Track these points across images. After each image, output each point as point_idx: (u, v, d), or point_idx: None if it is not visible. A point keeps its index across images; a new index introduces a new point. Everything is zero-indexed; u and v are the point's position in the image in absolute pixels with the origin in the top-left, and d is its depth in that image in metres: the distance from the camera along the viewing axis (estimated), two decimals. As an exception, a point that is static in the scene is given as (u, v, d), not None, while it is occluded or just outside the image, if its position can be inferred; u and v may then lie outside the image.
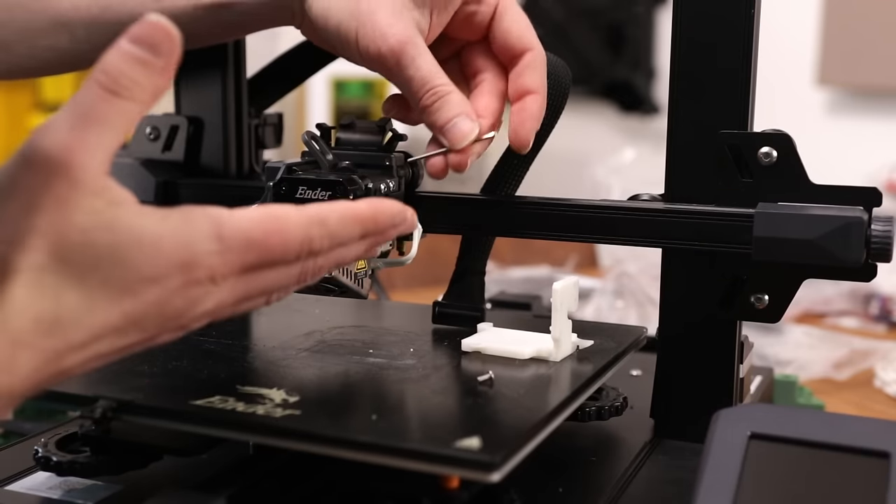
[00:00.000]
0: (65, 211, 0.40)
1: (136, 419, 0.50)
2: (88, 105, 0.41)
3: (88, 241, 0.40)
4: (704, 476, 0.46)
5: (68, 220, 0.40)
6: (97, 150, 0.41)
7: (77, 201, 0.40)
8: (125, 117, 0.41)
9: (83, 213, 0.40)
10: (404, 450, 0.45)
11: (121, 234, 0.41)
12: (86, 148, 0.40)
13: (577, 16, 2.74)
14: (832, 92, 2.32)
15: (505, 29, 0.58)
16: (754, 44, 0.59)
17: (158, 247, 0.41)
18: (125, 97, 0.41)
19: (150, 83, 0.42)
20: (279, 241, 0.44)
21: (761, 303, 0.58)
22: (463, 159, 0.58)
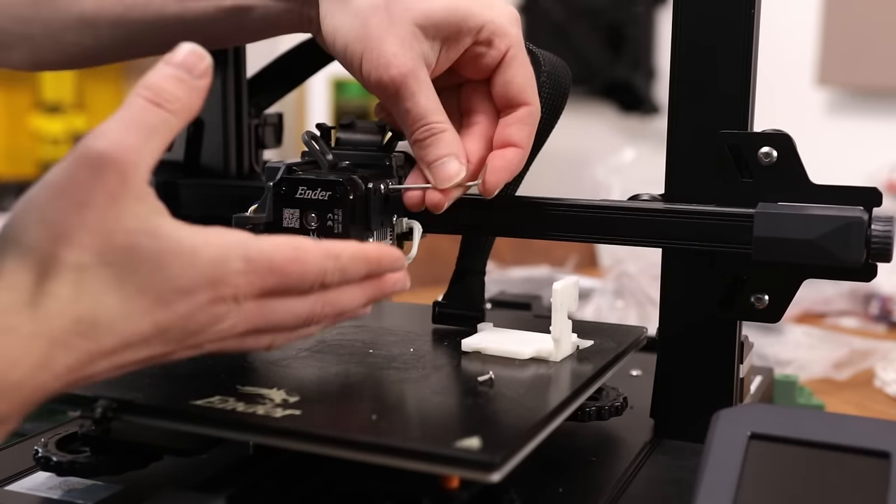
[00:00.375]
0: (115, 210, 0.42)
1: (136, 419, 0.50)
2: (135, 114, 0.44)
3: (132, 245, 0.42)
4: (704, 476, 0.46)
5: (117, 220, 0.42)
6: (145, 155, 0.44)
7: (126, 202, 0.43)
8: (167, 127, 0.45)
9: (131, 216, 0.43)
10: (404, 450, 0.45)
11: (162, 242, 0.43)
12: (136, 150, 0.44)
13: (577, 16, 2.74)
14: (832, 92, 2.32)
15: (508, 79, 0.58)
16: (754, 44, 0.59)
17: (194, 260, 0.43)
18: (167, 109, 0.45)
19: (188, 99, 0.46)
20: (298, 269, 0.46)
21: (761, 303, 0.58)
22: (441, 200, 0.58)
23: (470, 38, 0.56)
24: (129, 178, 0.43)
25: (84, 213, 0.42)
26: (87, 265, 0.42)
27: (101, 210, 0.42)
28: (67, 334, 0.41)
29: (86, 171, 0.42)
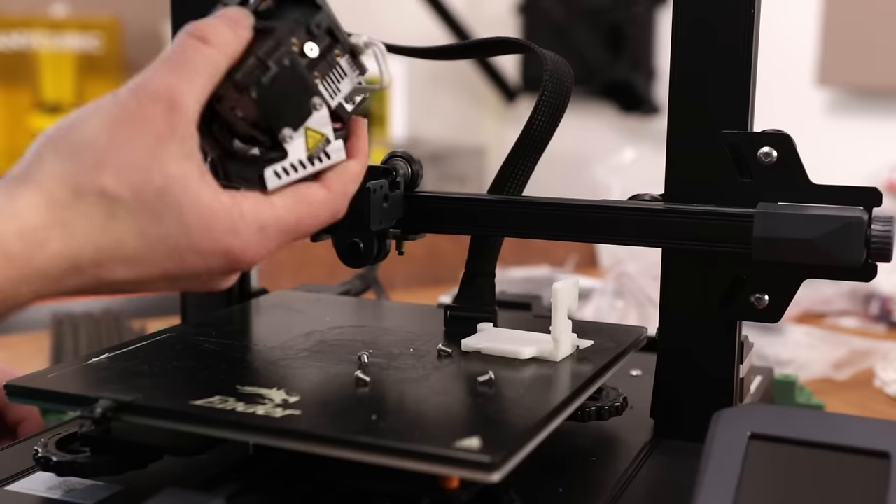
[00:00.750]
0: (160, 150, 0.45)
1: (136, 419, 0.50)
2: (180, 53, 0.47)
3: (165, 189, 0.45)
4: (704, 476, 0.46)
5: (159, 159, 0.45)
6: (193, 93, 0.47)
7: (171, 144, 0.46)
8: (212, 64, 0.48)
9: (172, 159, 0.46)
10: (404, 450, 0.45)
11: (188, 197, 0.46)
12: (185, 90, 0.47)
13: (577, 16, 2.73)
14: (832, 92, 2.32)
15: None
16: (754, 44, 0.59)
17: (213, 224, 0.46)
18: (212, 44, 0.48)
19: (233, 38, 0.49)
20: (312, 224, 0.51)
21: (761, 303, 0.58)
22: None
23: None
24: (176, 119, 0.46)
25: (132, 147, 0.45)
26: (122, 198, 0.45)
27: (148, 147, 0.45)
28: (87, 262, 0.45)
29: (138, 107, 0.45)
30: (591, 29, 2.72)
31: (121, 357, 0.58)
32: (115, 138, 0.45)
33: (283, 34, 0.51)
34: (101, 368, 0.56)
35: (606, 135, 2.71)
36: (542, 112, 0.62)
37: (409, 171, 0.63)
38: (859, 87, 2.26)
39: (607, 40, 2.71)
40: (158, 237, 0.45)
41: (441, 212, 0.63)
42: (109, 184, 0.44)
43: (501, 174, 0.64)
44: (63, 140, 0.45)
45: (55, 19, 2.78)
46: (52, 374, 0.55)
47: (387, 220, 0.61)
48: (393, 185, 0.61)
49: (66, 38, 2.76)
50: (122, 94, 0.46)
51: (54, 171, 0.44)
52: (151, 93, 0.46)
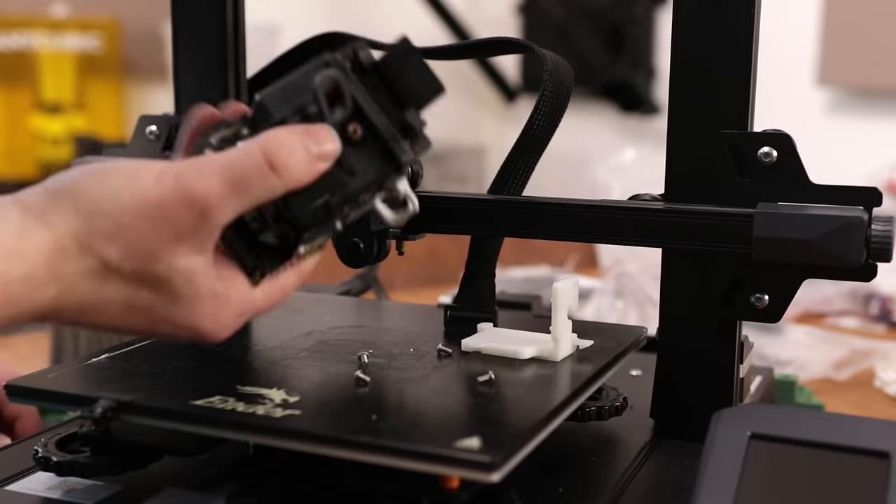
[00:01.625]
0: (175, 246, 0.45)
1: (136, 419, 0.50)
2: (245, 169, 0.46)
3: (167, 279, 0.46)
4: (704, 476, 0.46)
5: (170, 254, 0.45)
6: (232, 212, 0.46)
7: (188, 241, 0.46)
8: (269, 193, 0.47)
9: (182, 257, 0.46)
10: (404, 450, 0.45)
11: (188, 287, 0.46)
12: (228, 206, 0.46)
13: (577, 16, 2.73)
14: (832, 92, 2.32)
15: None
16: (754, 44, 0.59)
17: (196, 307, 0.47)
18: (281, 175, 0.46)
19: (305, 174, 0.47)
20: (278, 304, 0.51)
21: (761, 303, 0.58)
22: None
23: None
24: (202, 225, 0.45)
25: (150, 237, 0.45)
26: (122, 271, 0.45)
27: (164, 241, 0.45)
28: (70, 309, 0.46)
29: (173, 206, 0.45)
30: (591, 29, 2.72)
31: (121, 357, 0.58)
32: (137, 224, 0.45)
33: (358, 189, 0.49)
34: (101, 368, 0.56)
35: (606, 135, 2.71)
36: (542, 112, 0.62)
37: (410, 171, 0.63)
38: (859, 87, 2.26)
39: (607, 40, 2.71)
40: (143, 307, 0.47)
41: (441, 212, 0.63)
42: (114, 257, 0.45)
43: (501, 174, 0.64)
44: (87, 198, 0.45)
45: (55, 19, 2.78)
46: (52, 374, 0.55)
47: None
48: (393, 185, 0.61)
49: (66, 38, 2.76)
50: (167, 182, 0.45)
51: (69, 223, 0.45)
52: (195, 196, 0.45)
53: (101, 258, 0.45)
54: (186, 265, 0.46)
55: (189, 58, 0.73)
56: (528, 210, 0.61)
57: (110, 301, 0.46)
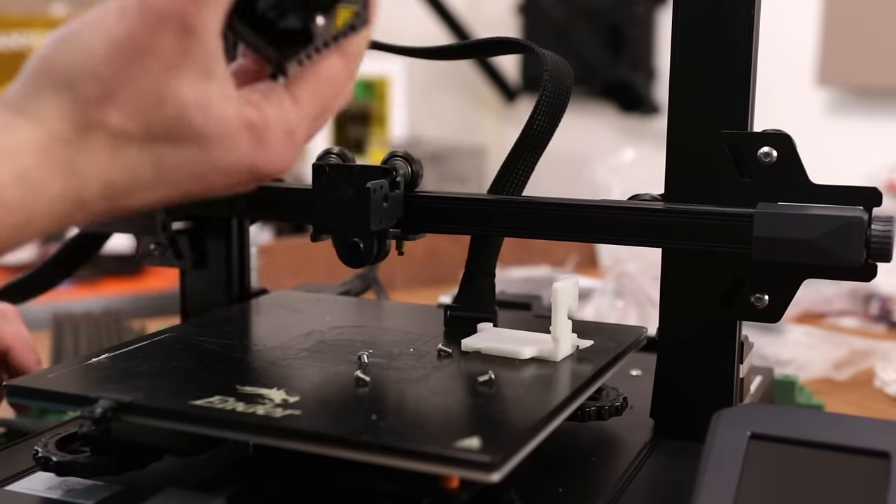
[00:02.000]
0: (171, 77, 0.40)
1: (136, 419, 0.50)
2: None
3: (181, 118, 0.40)
4: (704, 476, 0.46)
5: (172, 87, 0.40)
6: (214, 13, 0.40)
7: (185, 69, 0.40)
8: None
9: (186, 84, 0.40)
10: (404, 450, 0.45)
11: (210, 119, 0.41)
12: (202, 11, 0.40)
13: (577, 16, 2.74)
14: (832, 92, 2.32)
15: None
16: (754, 44, 0.59)
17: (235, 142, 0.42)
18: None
19: None
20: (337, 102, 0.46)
21: (761, 303, 0.58)
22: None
23: None
24: (190, 44, 0.40)
25: (139, 78, 0.40)
26: (131, 133, 0.40)
27: (157, 77, 0.40)
28: (94, 197, 0.41)
29: (145, 33, 0.39)
30: (591, 29, 2.72)
31: (121, 357, 0.58)
32: (120, 69, 0.39)
33: None
34: (101, 368, 0.56)
35: (606, 135, 2.71)
36: (542, 112, 0.62)
37: (409, 170, 0.63)
38: (859, 87, 2.26)
39: (607, 40, 2.71)
40: (177, 163, 0.41)
41: (441, 212, 0.63)
42: (115, 120, 0.40)
43: (501, 174, 0.64)
44: (61, 66, 0.40)
45: (55, 19, 2.77)
46: (52, 374, 0.55)
47: (387, 220, 0.61)
48: (393, 184, 0.61)
49: (66, 38, 2.76)
50: (130, 13, 0.40)
51: (53, 103, 0.40)
52: (162, 15, 0.39)
53: (102, 127, 0.40)
54: (196, 95, 0.40)
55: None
56: (528, 210, 0.61)
57: (136, 172, 0.41)
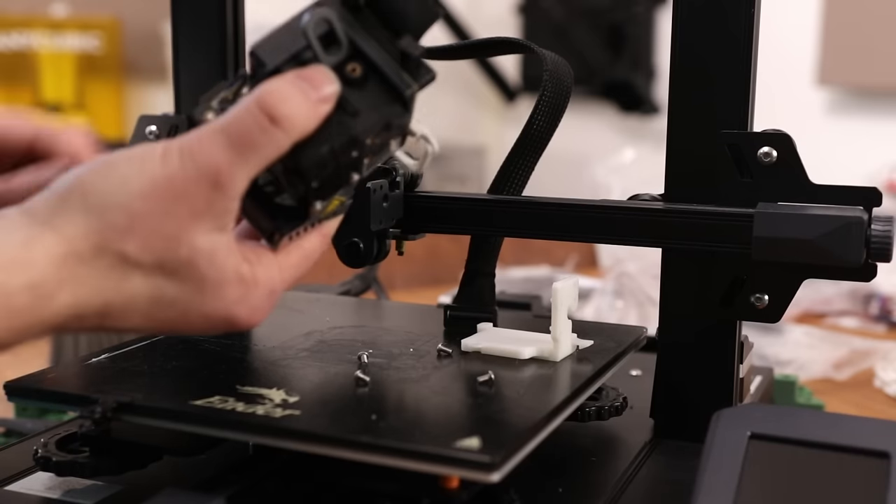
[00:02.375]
0: (193, 224, 0.43)
1: (136, 419, 0.50)
2: (244, 129, 0.43)
3: (190, 262, 0.44)
4: (704, 476, 0.46)
5: (190, 233, 0.43)
6: (244, 177, 0.44)
7: (205, 220, 0.43)
8: (276, 148, 0.44)
9: (203, 233, 0.44)
10: (404, 450, 0.45)
11: (213, 270, 0.44)
12: (238, 171, 0.43)
13: (577, 16, 2.74)
14: (832, 92, 2.32)
15: None
16: (754, 43, 0.59)
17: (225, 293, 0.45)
18: (283, 126, 0.44)
19: (308, 119, 0.44)
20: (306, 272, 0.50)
21: (761, 303, 0.58)
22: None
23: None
24: (217, 198, 0.43)
25: (165, 220, 0.43)
26: (143, 264, 0.43)
27: (181, 221, 0.43)
28: (92, 313, 0.43)
29: (182, 181, 0.43)
30: (591, 29, 2.72)
31: (121, 357, 0.58)
32: (151, 208, 0.43)
33: (363, 130, 0.46)
34: (101, 368, 0.56)
35: (606, 135, 2.71)
36: (542, 112, 0.62)
37: (409, 171, 0.63)
38: (859, 87, 2.26)
39: (607, 40, 2.71)
40: (171, 300, 0.44)
41: (441, 212, 0.63)
42: (133, 250, 0.43)
43: (501, 174, 0.64)
44: (95, 193, 0.43)
45: (55, 19, 2.78)
46: (52, 374, 0.55)
47: (386, 220, 0.61)
48: (393, 184, 0.61)
49: (66, 38, 2.76)
50: (172, 159, 0.43)
51: (79, 223, 0.43)
52: (201, 167, 0.43)
53: (118, 254, 0.43)
54: (208, 244, 0.44)
55: (189, 58, 0.73)
56: (528, 210, 0.61)
57: (135, 299, 0.44)
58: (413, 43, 0.48)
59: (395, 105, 0.47)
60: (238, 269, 0.45)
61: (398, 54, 0.47)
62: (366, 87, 0.47)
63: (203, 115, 0.46)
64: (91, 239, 0.43)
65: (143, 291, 0.44)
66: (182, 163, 0.43)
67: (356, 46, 0.46)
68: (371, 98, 0.47)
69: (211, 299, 0.45)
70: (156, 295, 0.44)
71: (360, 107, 0.46)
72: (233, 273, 0.45)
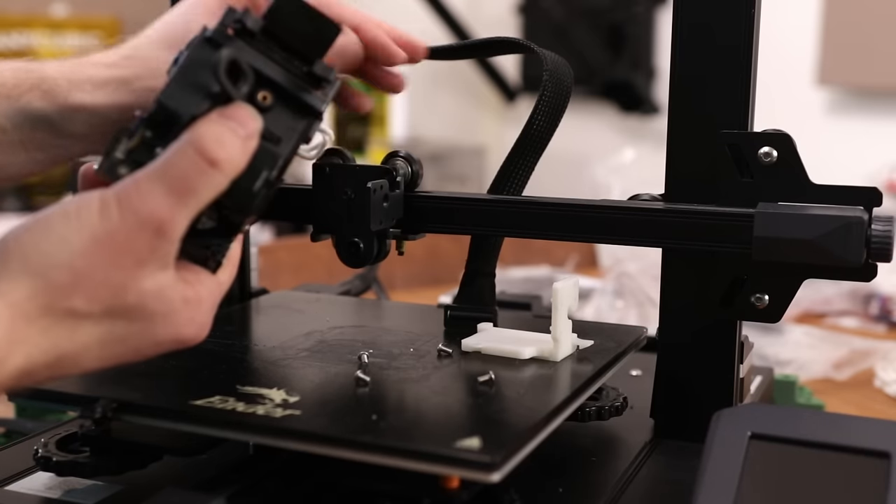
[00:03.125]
0: (138, 272, 0.44)
1: (136, 419, 0.50)
2: (183, 174, 0.44)
3: (139, 305, 0.44)
4: (704, 476, 0.46)
5: (136, 280, 0.44)
6: (185, 220, 0.44)
7: (150, 265, 0.44)
8: (215, 189, 0.45)
9: (149, 278, 0.44)
10: (404, 450, 0.45)
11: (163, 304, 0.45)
12: (179, 217, 0.44)
13: (577, 16, 2.73)
14: (832, 92, 2.32)
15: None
16: (754, 44, 0.59)
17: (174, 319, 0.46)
18: (220, 168, 0.44)
19: (241, 157, 0.45)
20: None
21: (761, 303, 0.58)
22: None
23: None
24: (160, 245, 0.44)
25: (111, 272, 0.43)
26: (92, 315, 0.43)
27: (127, 271, 0.43)
28: (42, 367, 0.43)
29: (124, 234, 0.43)
30: (591, 29, 2.72)
31: (121, 357, 0.57)
32: (94, 263, 0.43)
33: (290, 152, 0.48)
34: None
35: (606, 135, 2.71)
36: (542, 112, 0.62)
37: (410, 170, 0.63)
38: (859, 87, 2.26)
39: (607, 40, 2.71)
40: (122, 337, 0.45)
41: (441, 212, 0.63)
42: (80, 304, 0.43)
43: (501, 174, 0.64)
44: (35, 254, 0.43)
45: (55, 19, 2.78)
46: (52, 374, 0.55)
47: (387, 220, 0.61)
48: (393, 184, 0.61)
49: (66, 38, 2.77)
50: (111, 212, 0.43)
51: (23, 287, 0.42)
52: (143, 217, 0.43)
53: (67, 310, 0.43)
54: (154, 285, 0.44)
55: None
56: (528, 210, 0.61)
57: (87, 345, 0.44)
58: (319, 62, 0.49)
59: (310, 120, 0.49)
60: (184, 295, 0.46)
61: (303, 72, 0.48)
62: (279, 112, 0.48)
63: (117, 172, 0.46)
64: (37, 300, 0.42)
65: (94, 337, 0.44)
66: (122, 214, 0.43)
67: (261, 74, 0.47)
68: (286, 120, 0.48)
69: (162, 329, 0.45)
70: (106, 337, 0.44)
71: (278, 132, 0.48)
72: (180, 302, 0.46)
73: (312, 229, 0.63)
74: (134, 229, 0.43)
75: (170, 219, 0.43)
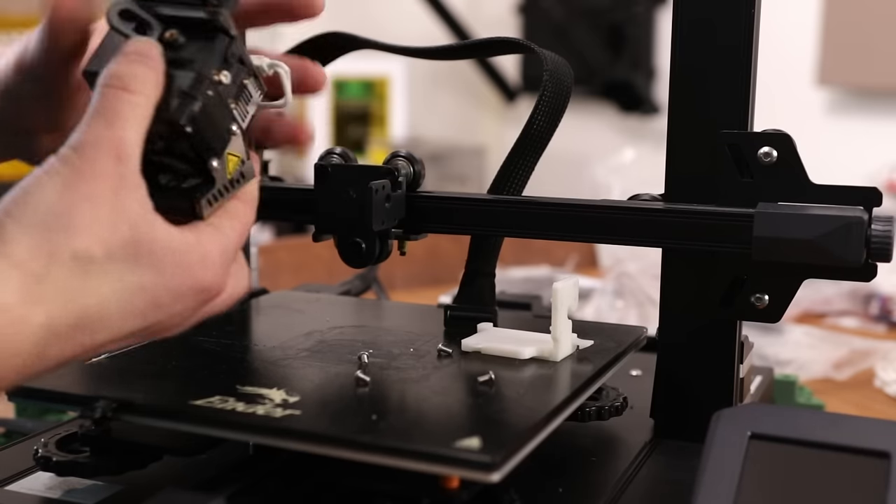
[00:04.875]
0: (119, 201, 0.45)
1: (136, 419, 0.50)
2: (107, 105, 0.46)
3: (135, 239, 0.45)
4: (704, 476, 0.46)
5: (122, 210, 0.45)
6: (131, 140, 0.46)
7: (127, 192, 0.45)
8: (141, 110, 0.47)
9: (133, 205, 0.45)
10: (404, 450, 0.45)
11: (158, 239, 0.45)
12: (124, 138, 0.45)
13: (577, 16, 2.74)
14: (832, 92, 2.32)
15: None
16: (754, 43, 0.59)
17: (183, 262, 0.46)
18: (135, 91, 0.46)
19: (153, 79, 0.47)
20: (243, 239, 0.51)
21: (761, 303, 0.58)
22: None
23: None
24: (124, 169, 0.45)
25: (93, 203, 0.44)
26: (94, 256, 0.44)
27: (107, 201, 0.44)
28: (66, 327, 0.43)
29: (86, 163, 0.44)
30: (591, 29, 2.72)
31: (121, 357, 0.58)
32: (75, 199, 0.43)
33: (203, 66, 0.49)
34: (101, 368, 0.56)
35: (606, 135, 2.71)
36: (542, 112, 0.62)
37: (411, 171, 0.63)
38: (859, 87, 2.26)
39: (607, 40, 2.71)
40: (136, 287, 0.45)
41: (441, 212, 0.63)
42: (80, 245, 0.43)
43: (501, 174, 0.64)
44: (23, 210, 0.43)
45: (55, 19, 2.77)
46: (52, 374, 0.55)
47: (389, 220, 0.61)
48: (395, 185, 0.61)
49: (66, 38, 2.76)
50: (66, 154, 0.45)
51: (23, 243, 0.43)
52: (94, 146, 0.45)
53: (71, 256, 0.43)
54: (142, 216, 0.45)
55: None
56: (528, 210, 0.61)
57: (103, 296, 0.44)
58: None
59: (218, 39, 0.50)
60: (182, 235, 0.46)
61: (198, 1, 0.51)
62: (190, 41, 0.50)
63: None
64: (41, 254, 0.43)
65: (107, 286, 0.44)
66: (79, 154, 0.45)
67: (159, 15, 0.50)
68: (197, 46, 0.50)
69: (171, 272, 0.45)
70: (118, 286, 0.44)
71: (192, 56, 0.50)
72: (179, 241, 0.46)
73: (314, 229, 0.63)
74: (92, 157, 0.44)
75: (116, 139, 0.45)
